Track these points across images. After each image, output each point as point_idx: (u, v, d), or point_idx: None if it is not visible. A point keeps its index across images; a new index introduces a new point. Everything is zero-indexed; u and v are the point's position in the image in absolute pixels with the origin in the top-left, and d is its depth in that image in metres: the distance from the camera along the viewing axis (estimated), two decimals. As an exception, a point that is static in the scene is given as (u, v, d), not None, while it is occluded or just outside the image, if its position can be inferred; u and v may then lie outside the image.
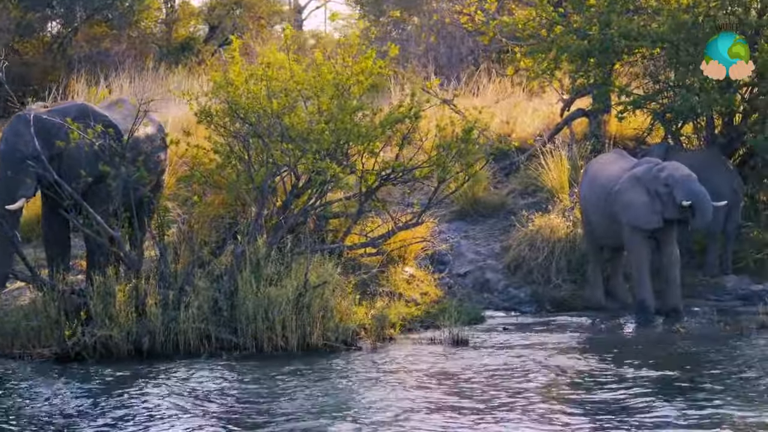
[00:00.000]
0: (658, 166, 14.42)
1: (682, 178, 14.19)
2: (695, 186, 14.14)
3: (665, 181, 14.14)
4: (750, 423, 9.59)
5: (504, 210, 17.44)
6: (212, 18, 29.59)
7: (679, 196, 14.05)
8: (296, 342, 12.67)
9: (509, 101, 21.34)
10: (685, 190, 14.06)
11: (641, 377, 11.45)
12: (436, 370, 11.89)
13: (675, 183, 14.10)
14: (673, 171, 14.28)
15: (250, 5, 29.56)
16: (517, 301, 15.40)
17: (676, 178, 14.18)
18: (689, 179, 14.21)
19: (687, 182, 14.17)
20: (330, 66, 14.37)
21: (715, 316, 14.48)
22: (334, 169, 13.39)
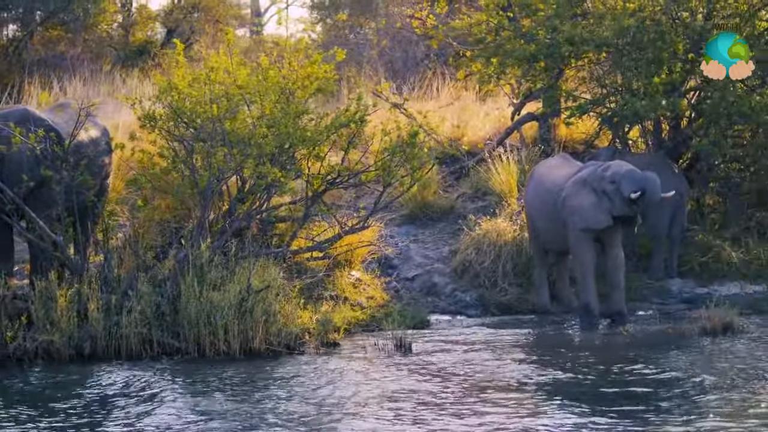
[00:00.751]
0: (603, 166, 14.47)
1: (628, 172, 14.22)
2: (640, 174, 14.17)
3: (611, 179, 14.17)
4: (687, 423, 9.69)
5: (453, 214, 17.45)
6: (169, 21, 29.50)
7: (627, 189, 14.04)
8: (239, 346, 12.69)
9: (462, 105, 21.40)
10: (632, 180, 14.07)
11: (579, 379, 11.55)
12: (378, 373, 11.93)
13: (621, 178, 14.12)
14: (617, 168, 14.32)
15: (208, 9, 29.48)
16: (463, 304, 15.44)
17: (621, 173, 14.20)
18: (634, 172, 14.23)
19: (632, 174, 14.19)
20: (275, 70, 14.39)
21: (658, 319, 14.57)
22: (276, 174, 13.41)
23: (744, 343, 13.22)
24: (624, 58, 16.36)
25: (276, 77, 14.08)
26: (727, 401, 10.56)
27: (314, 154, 14.41)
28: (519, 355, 12.81)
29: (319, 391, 11.20)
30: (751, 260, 15.96)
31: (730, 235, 16.42)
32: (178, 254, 13.20)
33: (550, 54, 16.44)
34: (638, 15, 16.29)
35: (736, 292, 15.65)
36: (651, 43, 16.06)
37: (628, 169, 14.27)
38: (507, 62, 16.76)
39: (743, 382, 11.32)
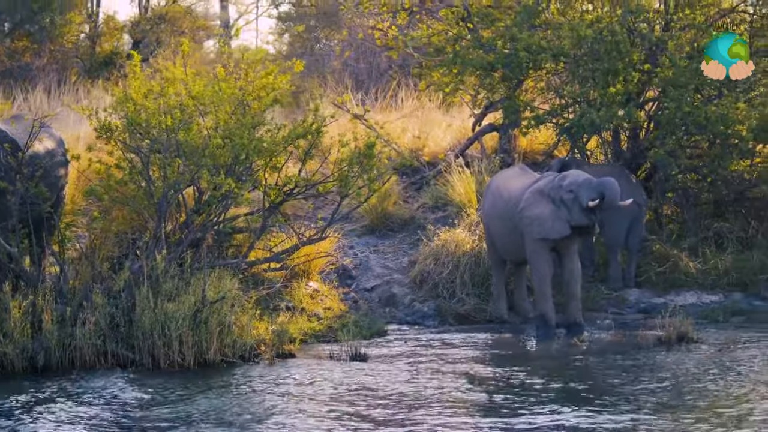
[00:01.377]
0: (560, 176, 14.51)
1: (585, 180, 14.24)
2: (597, 180, 14.17)
3: (569, 188, 14.19)
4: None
5: (413, 224, 17.50)
6: (136, 33, 29.49)
7: (585, 197, 14.06)
8: (193, 358, 12.66)
9: (425, 116, 21.46)
10: (589, 188, 14.08)
11: (533, 389, 11.61)
12: (331, 384, 11.94)
13: (578, 187, 14.14)
14: (575, 177, 14.33)
15: (174, 20, 29.51)
16: (421, 315, 15.46)
17: (579, 182, 14.22)
18: (591, 179, 14.25)
19: (589, 181, 14.21)
20: (231, 81, 14.40)
21: (614, 329, 14.62)
22: (230, 185, 13.42)
23: (698, 353, 13.26)
24: (581, 68, 16.45)
25: (231, 88, 14.07)
26: (676, 410, 10.62)
27: (271, 165, 14.41)
28: (471, 364, 12.83)
29: (270, 401, 11.19)
30: (708, 270, 16.04)
31: (687, 245, 16.52)
32: (132, 265, 13.17)
33: (508, 63, 16.51)
34: (595, 26, 16.38)
35: (693, 302, 15.73)
36: (607, 53, 16.15)
37: (585, 177, 14.31)
38: (465, 72, 16.79)
39: (694, 391, 11.40)
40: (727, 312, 15.38)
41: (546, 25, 16.89)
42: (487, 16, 17.30)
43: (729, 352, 13.30)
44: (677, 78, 16.01)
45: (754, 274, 16.00)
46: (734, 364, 12.58)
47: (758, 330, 14.59)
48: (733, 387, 11.55)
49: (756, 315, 15.36)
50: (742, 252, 16.40)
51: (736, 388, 11.51)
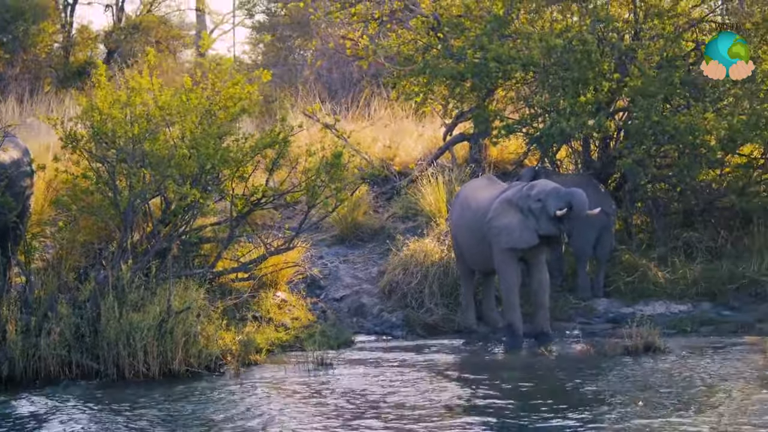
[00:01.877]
0: (528, 185, 14.52)
1: (553, 190, 14.26)
2: (565, 190, 14.21)
3: (537, 197, 14.20)
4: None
5: (384, 234, 17.44)
6: (110, 42, 29.43)
7: (552, 206, 14.08)
8: (158, 368, 12.62)
9: (397, 125, 21.45)
10: (557, 197, 14.12)
11: (497, 398, 11.61)
12: (295, 394, 11.92)
13: (546, 196, 14.17)
14: (543, 186, 14.36)
15: (148, 30, 29.46)
16: (389, 325, 15.42)
17: (547, 191, 14.24)
18: (559, 188, 14.29)
19: (557, 191, 14.23)
20: (198, 91, 14.37)
21: (582, 339, 14.61)
22: (196, 195, 13.38)
23: (664, 363, 13.26)
24: (551, 77, 16.45)
25: (198, 98, 14.03)
26: (637, 420, 10.62)
27: (238, 175, 14.37)
28: (437, 374, 12.81)
29: (232, 412, 11.20)
30: (677, 280, 16.01)
31: (657, 255, 16.50)
32: (98, 275, 13.12)
33: (478, 73, 16.50)
34: (565, 35, 16.39)
35: (662, 312, 15.70)
36: (577, 63, 16.16)
37: (553, 187, 14.32)
38: (434, 81, 16.78)
39: (658, 401, 11.40)
40: (695, 322, 15.39)
41: (516, 34, 16.86)
42: (457, 25, 17.28)
43: (695, 362, 13.29)
44: (646, 88, 16.03)
45: (723, 283, 15.97)
46: (699, 375, 12.59)
47: (725, 340, 14.61)
48: (696, 397, 11.57)
49: (724, 325, 15.35)
50: (711, 262, 16.38)
51: (699, 398, 11.53)
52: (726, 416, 10.69)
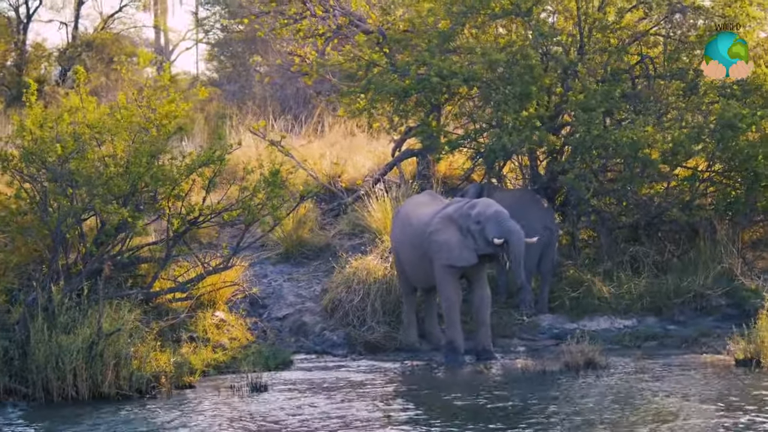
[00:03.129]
0: (469, 203, 14.39)
1: (494, 215, 14.14)
2: (506, 223, 14.10)
3: (476, 219, 14.10)
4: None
5: (330, 252, 17.23)
6: (63, 60, 29.19)
7: (491, 233, 14.00)
8: (87, 391, 12.41)
9: (348, 142, 21.30)
10: (497, 227, 14.01)
11: (433, 416, 11.53)
12: (223, 418, 11.73)
13: (486, 220, 14.06)
14: (484, 208, 14.24)
15: (102, 47, 29.22)
16: (330, 344, 15.22)
17: (487, 215, 14.13)
18: (500, 216, 14.16)
19: (498, 219, 14.11)
20: (134, 109, 14.17)
21: (524, 355, 14.47)
22: (123, 214, 13.18)
23: (603, 379, 13.16)
24: (494, 92, 16.32)
25: (130, 116, 13.83)
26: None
27: (174, 193, 14.17)
28: (372, 395, 12.64)
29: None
30: (623, 294, 15.88)
31: (603, 269, 16.36)
32: (27, 298, 12.91)
33: (422, 88, 16.37)
34: (508, 50, 16.28)
35: (606, 327, 15.58)
36: (519, 77, 16.05)
37: (494, 211, 14.16)
38: (377, 97, 16.62)
39: (591, 417, 11.30)
40: (639, 337, 15.29)
41: (460, 49, 16.74)
42: (401, 40, 17.14)
43: (633, 378, 13.20)
44: (588, 101, 15.91)
45: (669, 298, 15.86)
46: (636, 390, 12.51)
47: (667, 355, 14.54)
48: (627, 414, 11.48)
49: (669, 339, 15.27)
50: (657, 276, 16.26)
51: (630, 415, 11.43)
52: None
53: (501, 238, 14.01)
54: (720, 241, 16.35)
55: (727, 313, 15.78)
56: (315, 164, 19.18)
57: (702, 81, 16.40)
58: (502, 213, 14.22)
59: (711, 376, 13.32)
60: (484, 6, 16.45)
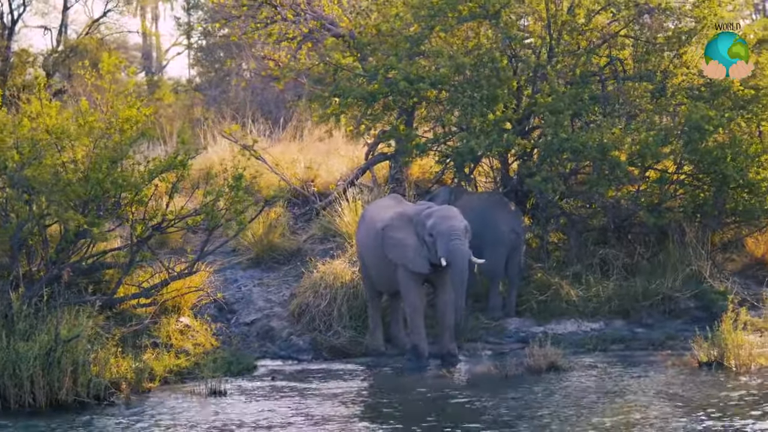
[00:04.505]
0: (427, 211, 14.28)
1: (446, 231, 13.97)
2: (452, 244, 13.90)
3: (430, 231, 14.03)
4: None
5: (301, 256, 17.19)
6: (47, 65, 29.17)
7: (440, 250, 13.95)
8: (45, 398, 12.37)
9: (326, 145, 21.26)
10: (444, 244, 13.92)
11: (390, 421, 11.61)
12: (181, 421, 11.74)
13: (438, 236, 13.96)
14: (438, 222, 14.07)
15: (87, 52, 29.16)
16: (296, 349, 15.16)
17: (439, 230, 13.99)
18: (451, 233, 13.96)
19: (448, 236, 13.95)
20: (97, 114, 14.16)
21: (488, 359, 14.43)
22: (79, 221, 13.16)
23: (564, 383, 13.14)
24: (461, 95, 16.29)
25: (91, 121, 13.80)
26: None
27: (137, 199, 14.15)
28: (333, 401, 12.62)
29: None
30: (591, 297, 15.83)
31: (571, 272, 16.31)
32: (-17, 305, 12.91)
33: (389, 93, 16.35)
34: (475, 53, 16.25)
35: (573, 330, 15.52)
36: (486, 80, 16.02)
37: (447, 227, 14.00)
38: (344, 102, 16.58)
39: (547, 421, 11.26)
40: (606, 340, 15.23)
41: (427, 53, 16.70)
42: (370, 44, 17.10)
43: (594, 381, 13.20)
44: (555, 104, 15.88)
45: (637, 300, 15.81)
46: (595, 393, 12.50)
47: (632, 358, 14.50)
48: (588, 415, 11.54)
49: (635, 342, 15.21)
50: (626, 279, 16.20)
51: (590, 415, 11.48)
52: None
53: (446, 258, 13.93)
54: (689, 244, 16.29)
55: (696, 315, 15.72)
56: (288, 168, 19.15)
57: (670, 83, 16.35)
58: (453, 230, 14.00)
59: (673, 378, 13.29)
60: (452, 9, 16.38)
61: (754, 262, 17.08)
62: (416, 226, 14.17)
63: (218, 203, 14.41)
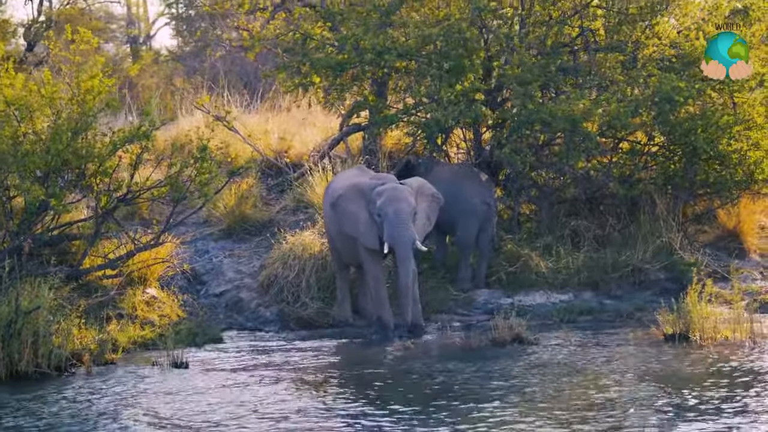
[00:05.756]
0: (378, 188, 14.15)
1: (392, 216, 13.89)
2: (396, 230, 13.83)
3: (378, 212, 13.97)
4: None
5: (273, 227, 17.10)
6: (28, 36, 29.00)
7: (385, 235, 13.90)
8: (4, 370, 12.33)
9: (303, 115, 21.18)
10: (389, 230, 13.84)
11: (346, 393, 11.57)
12: (138, 392, 11.70)
13: (384, 218, 13.91)
14: (386, 204, 13.97)
15: (68, 21, 29.00)
16: (263, 320, 15.14)
17: (386, 213, 13.91)
18: (397, 219, 13.87)
19: (391, 225, 13.87)
20: (59, 85, 14.09)
21: (456, 330, 14.38)
22: (37, 192, 13.10)
23: (527, 355, 13.09)
24: (428, 67, 16.21)
25: (51, 93, 13.73)
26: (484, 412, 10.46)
27: (101, 170, 14.09)
28: (292, 373, 12.55)
29: (70, 413, 10.94)
30: (560, 269, 15.79)
31: (542, 243, 16.26)
32: (-56, 276, 12.86)
33: (357, 63, 16.26)
34: (444, 24, 16.15)
35: (542, 302, 15.51)
36: (455, 50, 15.93)
37: (393, 211, 13.89)
38: (312, 72, 16.48)
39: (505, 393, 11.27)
40: (574, 311, 15.20)
41: (396, 23, 16.59)
42: (339, 14, 16.97)
43: (557, 353, 13.14)
44: (524, 75, 15.79)
45: (606, 272, 15.79)
46: (557, 366, 12.44)
47: (599, 330, 14.49)
48: (544, 386, 11.52)
49: (604, 314, 15.20)
50: (597, 250, 16.17)
51: (546, 387, 11.48)
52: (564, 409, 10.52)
53: (389, 244, 13.88)
54: (660, 216, 16.25)
55: (665, 287, 15.69)
56: (262, 139, 19.07)
57: (641, 54, 16.27)
58: (399, 215, 13.91)
59: (635, 350, 13.23)
60: (422, -22, 16.30)
61: (726, 234, 17.07)
62: (368, 203, 14.09)
63: (183, 175, 14.32)
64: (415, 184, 14.41)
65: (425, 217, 14.40)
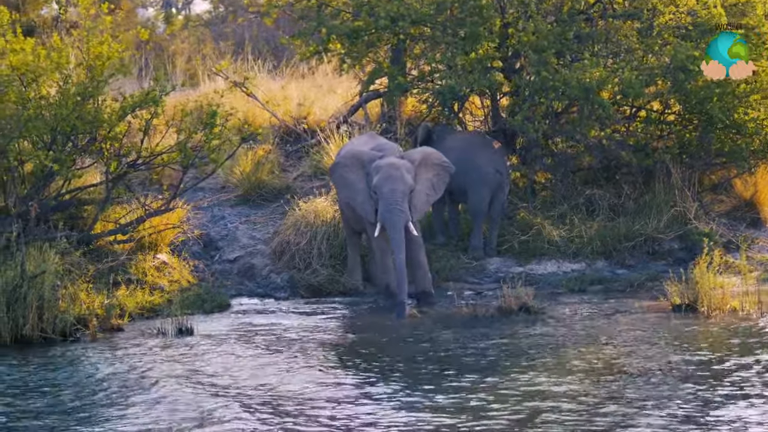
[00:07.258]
0: (377, 163, 13.98)
1: (385, 198, 13.76)
2: (389, 213, 13.69)
3: (374, 189, 13.88)
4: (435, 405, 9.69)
5: (290, 194, 17.08)
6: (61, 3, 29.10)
7: (379, 214, 13.81)
8: (9, 334, 12.44)
9: (325, 82, 21.17)
10: (383, 208, 13.74)
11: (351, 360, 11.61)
12: (145, 358, 11.73)
13: (380, 195, 13.80)
14: (382, 182, 13.80)
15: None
16: (273, 287, 15.16)
17: (381, 193, 13.80)
18: (391, 198, 13.73)
19: (385, 206, 13.74)
20: (68, 50, 14.13)
21: (462, 299, 14.33)
22: (41, 157, 13.16)
23: (533, 324, 13.03)
24: (442, 34, 16.13)
25: (58, 57, 13.76)
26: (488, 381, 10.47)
27: (111, 135, 14.15)
28: (297, 336, 12.57)
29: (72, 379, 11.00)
30: (573, 238, 15.72)
31: (557, 212, 16.19)
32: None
33: (373, 30, 16.20)
34: (459, -9, 16.05)
35: (554, 271, 15.45)
36: (470, 17, 15.83)
37: (388, 190, 13.75)
38: (327, 39, 16.42)
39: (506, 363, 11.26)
40: (584, 281, 15.12)
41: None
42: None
43: (563, 322, 13.07)
44: (539, 42, 15.67)
45: (620, 241, 15.70)
46: (562, 335, 12.40)
47: (609, 299, 14.37)
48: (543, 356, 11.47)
49: (615, 284, 15.09)
50: (612, 219, 16.08)
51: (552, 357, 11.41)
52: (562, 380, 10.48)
53: (381, 224, 13.81)
54: (675, 185, 16.11)
55: (679, 257, 15.62)
56: (281, 105, 19.05)
57: (657, 21, 16.10)
58: (394, 195, 13.75)
59: (641, 321, 13.12)
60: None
61: (743, 203, 16.92)
62: (366, 175, 14.02)
63: (192, 140, 14.36)
64: (418, 156, 14.24)
65: (429, 188, 14.25)
